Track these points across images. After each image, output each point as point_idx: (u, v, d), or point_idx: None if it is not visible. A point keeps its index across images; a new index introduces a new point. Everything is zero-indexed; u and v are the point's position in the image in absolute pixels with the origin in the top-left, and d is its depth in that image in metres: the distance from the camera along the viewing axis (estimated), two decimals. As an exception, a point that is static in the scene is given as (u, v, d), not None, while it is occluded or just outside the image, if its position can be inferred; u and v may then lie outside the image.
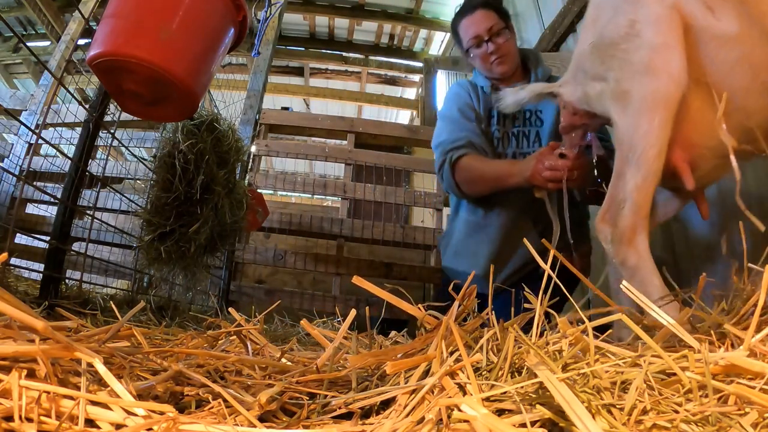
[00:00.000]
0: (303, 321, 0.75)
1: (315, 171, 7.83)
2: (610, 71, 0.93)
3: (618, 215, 0.91)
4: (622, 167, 0.92)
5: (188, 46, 1.04)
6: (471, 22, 1.62)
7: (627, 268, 0.90)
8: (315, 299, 2.72)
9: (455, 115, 1.62)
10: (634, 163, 0.88)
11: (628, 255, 0.90)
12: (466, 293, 0.69)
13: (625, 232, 0.90)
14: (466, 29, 1.63)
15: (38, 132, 2.22)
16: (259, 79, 3.43)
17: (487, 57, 1.60)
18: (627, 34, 0.90)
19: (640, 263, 0.88)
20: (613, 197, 0.93)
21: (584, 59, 1.01)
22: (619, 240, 0.91)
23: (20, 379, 0.40)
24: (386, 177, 3.09)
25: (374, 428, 0.44)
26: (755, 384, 0.44)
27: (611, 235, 0.93)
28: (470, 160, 1.52)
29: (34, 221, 2.98)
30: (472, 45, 1.61)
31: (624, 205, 0.90)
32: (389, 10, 4.68)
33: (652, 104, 0.86)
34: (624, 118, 0.91)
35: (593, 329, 0.55)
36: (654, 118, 0.86)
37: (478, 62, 1.65)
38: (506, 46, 1.62)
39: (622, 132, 0.91)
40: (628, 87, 0.90)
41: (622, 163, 0.91)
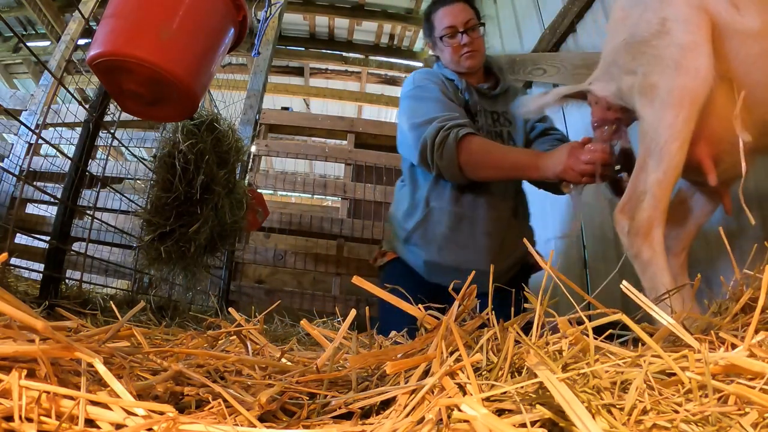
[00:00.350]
0: (303, 321, 0.75)
1: (315, 171, 7.83)
2: (639, 66, 0.95)
3: (637, 208, 0.92)
4: (644, 159, 0.92)
5: (188, 46, 1.04)
6: (449, 11, 1.61)
7: (640, 261, 0.91)
8: (315, 299, 2.72)
9: (440, 96, 1.53)
10: (657, 156, 0.89)
11: (643, 249, 0.90)
12: (466, 293, 0.69)
13: (642, 225, 0.90)
14: (442, 17, 1.61)
15: (38, 132, 2.22)
16: (259, 79, 3.43)
17: (459, 48, 1.59)
18: (658, 32, 0.92)
19: (654, 258, 0.89)
20: (634, 189, 0.94)
21: (617, 55, 1.02)
22: (636, 233, 0.91)
23: (20, 379, 0.40)
24: (386, 177, 3.09)
25: (374, 428, 0.44)
26: (755, 384, 0.44)
27: (628, 227, 0.93)
28: (481, 141, 1.42)
29: (34, 221, 2.98)
30: (446, 34, 1.60)
31: (644, 198, 0.91)
32: (389, 10, 4.68)
33: (679, 99, 0.87)
34: (649, 110, 0.92)
35: (593, 329, 0.55)
36: (679, 112, 0.87)
37: (447, 53, 1.62)
38: (478, 42, 1.62)
39: (647, 124, 0.92)
40: (656, 80, 0.91)
41: (644, 155, 0.92)
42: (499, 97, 1.66)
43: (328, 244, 2.92)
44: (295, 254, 2.84)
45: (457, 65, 1.62)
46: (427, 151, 1.44)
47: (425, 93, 1.55)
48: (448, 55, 1.62)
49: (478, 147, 1.40)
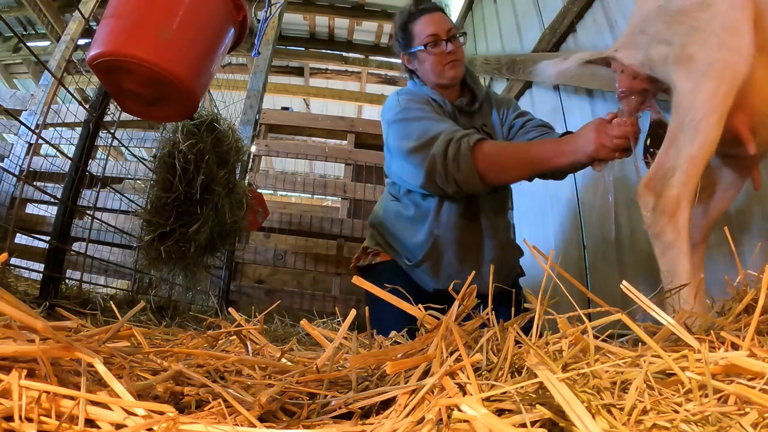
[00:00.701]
0: (303, 321, 0.75)
1: (315, 171, 7.84)
2: (676, 36, 0.90)
3: (665, 184, 0.86)
4: (676, 133, 0.87)
5: (188, 46, 1.04)
6: (431, 20, 1.54)
7: (661, 242, 0.86)
8: (315, 299, 2.72)
9: (431, 114, 1.46)
10: (692, 130, 0.84)
11: (667, 229, 0.85)
12: (466, 293, 0.69)
13: (669, 202, 0.85)
14: (424, 26, 1.54)
15: (38, 132, 2.22)
16: (259, 79, 3.43)
17: (443, 58, 1.52)
18: (700, 3, 0.87)
19: (676, 241, 0.84)
20: (662, 164, 0.88)
21: (648, 23, 0.97)
22: (662, 211, 0.86)
23: (20, 379, 0.40)
24: (386, 177, 3.09)
25: (374, 428, 0.44)
26: (755, 384, 0.44)
27: (653, 204, 0.88)
28: (496, 144, 1.36)
29: (34, 221, 2.98)
30: (430, 42, 1.52)
31: (673, 174, 0.85)
32: (389, 10, 4.68)
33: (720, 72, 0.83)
34: (686, 82, 0.87)
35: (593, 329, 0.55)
36: (720, 85, 0.83)
37: (429, 63, 1.54)
38: (460, 51, 1.56)
39: (682, 96, 0.87)
40: (694, 52, 0.86)
41: (677, 128, 0.86)
42: (476, 111, 1.62)
43: (328, 244, 2.92)
44: (295, 254, 2.84)
45: (440, 76, 1.55)
46: (437, 169, 1.34)
47: (416, 114, 1.46)
48: (430, 66, 1.54)
49: (495, 150, 1.33)
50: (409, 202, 1.58)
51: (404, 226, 1.57)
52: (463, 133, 1.34)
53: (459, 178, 1.33)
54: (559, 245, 2.12)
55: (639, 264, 1.63)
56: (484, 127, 1.60)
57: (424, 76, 1.60)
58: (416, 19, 1.56)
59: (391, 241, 1.61)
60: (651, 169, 0.90)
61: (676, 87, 0.88)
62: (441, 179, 1.36)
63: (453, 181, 1.34)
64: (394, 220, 1.60)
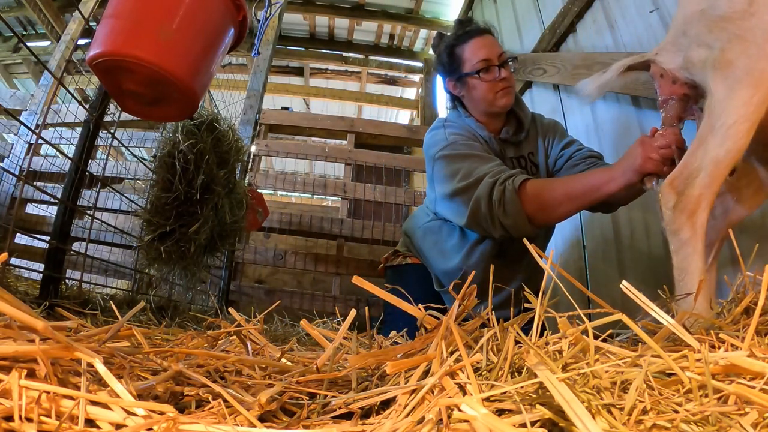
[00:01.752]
0: (303, 321, 0.75)
1: (315, 171, 7.84)
2: (717, 41, 0.90)
3: (688, 184, 0.88)
4: (706, 135, 0.87)
5: (188, 45, 1.04)
6: (482, 44, 1.45)
7: (678, 239, 0.88)
8: (315, 299, 2.72)
9: (478, 150, 1.40)
10: (721, 134, 0.85)
11: (684, 228, 0.87)
12: (466, 293, 0.69)
13: (690, 202, 0.87)
14: (475, 50, 1.45)
15: (38, 132, 2.22)
16: (259, 79, 3.43)
17: (495, 85, 1.43)
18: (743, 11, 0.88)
19: (692, 240, 0.86)
20: (688, 164, 0.89)
21: (690, 25, 0.97)
22: (682, 209, 0.88)
23: (20, 379, 0.40)
24: (386, 177, 3.09)
25: (374, 428, 0.44)
26: (755, 384, 0.44)
27: (674, 202, 0.89)
28: (539, 182, 1.28)
29: (34, 221, 2.98)
30: (483, 68, 1.43)
31: (697, 175, 0.87)
32: (389, 10, 4.68)
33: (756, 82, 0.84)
34: (721, 86, 0.87)
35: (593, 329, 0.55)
36: (755, 94, 0.83)
37: (481, 91, 1.45)
38: (512, 78, 1.48)
39: (716, 100, 0.88)
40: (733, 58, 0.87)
41: (707, 131, 0.87)
42: (523, 139, 1.55)
43: (328, 244, 2.92)
44: (295, 254, 2.84)
45: (491, 105, 1.46)
46: (481, 212, 1.29)
47: (463, 150, 1.40)
48: (482, 93, 1.46)
49: (541, 189, 1.26)
50: (454, 228, 1.52)
51: (439, 252, 1.54)
52: (508, 174, 1.28)
53: (506, 223, 1.27)
54: (559, 245, 2.12)
55: (639, 264, 1.63)
56: (531, 156, 1.54)
57: (472, 103, 1.51)
58: (465, 43, 1.47)
59: (423, 256, 1.61)
60: (677, 168, 0.91)
61: (711, 91, 0.89)
62: (487, 223, 1.30)
63: (500, 226, 1.29)
64: (431, 246, 1.57)
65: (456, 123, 1.51)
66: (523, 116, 1.55)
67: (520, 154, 1.53)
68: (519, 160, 1.53)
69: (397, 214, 3.07)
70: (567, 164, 1.48)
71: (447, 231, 1.54)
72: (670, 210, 0.90)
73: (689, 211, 0.87)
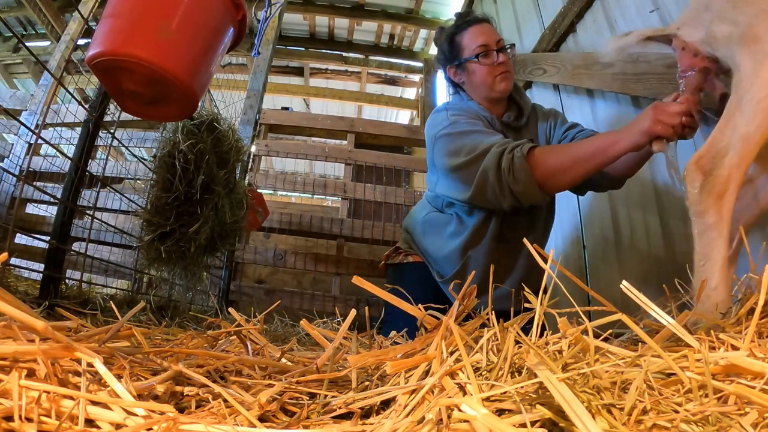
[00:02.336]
0: (303, 321, 0.75)
1: (315, 171, 7.84)
2: (743, 16, 0.88)
3: (716, 163, 0.84)
4: (733, 112, 0.84)
5: (188, 45, 1.04)
6: (481, 31, 1.52)
7: (702, 222, 0.84)
8: (315, 299, 2.72)
9: (481, 127, 1.41)
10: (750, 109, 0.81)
11: (710, 211, 0.83)
12: (466, 293, 0.69)
13: (718, 183, 0.83)
14: (473, 37, 1.51)
15: (38, 132, 2.22)
16: (259, 79, 3.43)
17: (494, 69, 1.48)
18: None
19: (718, 225, 0.82)
20: (716, 142, 0.85)
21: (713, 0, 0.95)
22: (709, 191, 0.84)
23: (20, 379, 0.40)
24: (386, 177, 3.09)
25: (374, 428, 0.44)
26: (755, 384, 0.44)
27: (701, 183, 0.85)
28: (546, 149, 1.30)
29: (34, 221, 2.98)
30: (481, 53, 1.48)
31: (725, 154, 0.83)
32: (389, 10, 4.68)
33: None
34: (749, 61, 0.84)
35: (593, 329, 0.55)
36: None
37: (480, 75, 1.50)
38: (510, 63, 1.52)
39: (743, 75, 0.84)
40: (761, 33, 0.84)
41: (735, 107, 0.84)
42: (523, 126, 1.58)
43: (328, 244, 2.92)
44: (295, 254, 2.84)
45: (490, 89, 1.50)
46: (489, 183, 1.30)
47: (464, 127, 1.41)
48: (481, 78, 1.50)
49: (549, 155, 1.27)
50: (452, 216, 1.55)
51: (439, 240, 1.56)
52: (515, 144, 1.29)
53: (517, 190, 1.28)
54: (559, 245, 2.12)
55: (639, 264, 1.63)
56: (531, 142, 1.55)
57: (473, 89, 1.55)
58: (464, 31, 1.54)
59: (423, 252, 1.62)
60: (704, 146, 0.87)
61: (738, 66, 0.85)
62: (495, 193, 1.31)
63: (509, 194, 1.30)
64: (430, 237, 1.59)
65: (458, 105, 1.54)
66: (523, 103, 1.59)
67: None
68: None
69: (397, 214, 3.06)
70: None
71: (445, 219, 1.57)
72: (696, 190, 0.85)
73: (717, 193, 0.83)
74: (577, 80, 1.97)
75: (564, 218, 2.09)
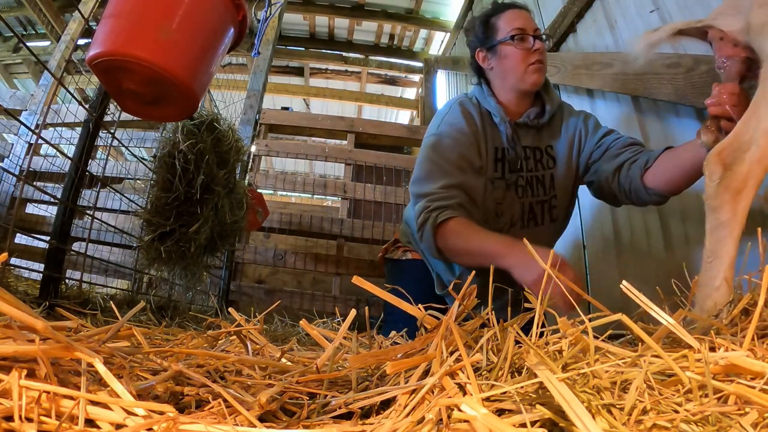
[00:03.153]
0: (302, 321, 0.75)
1: (315, 171, 7.84)
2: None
3: (737, 157, 0.81)
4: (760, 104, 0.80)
5: (188, 45, 1.04)
6: (519, 15, 1.42)
7: (715, 218, 0.81)
8: (315, 299, 2.72)
9: (452, 157, 1.35)
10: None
11: (726, 207, 0.80)
12: (466, 293, 0.69)
13: (736, 179, 0.80)
14: (511, 20, 1.41)
15: (38, 132, 2.22)
16: (259, 79, 3.43)
17: (529, 56, 1.38)
18: None
19: (731, 222, 0.79)
20: (739, 135, 0.82)
21: None
22: (726, 186, 0.81)
23: (20, 379, 0.40)
24: (386, 177, 3.09)
25: (374, 428, 0.44)
26: (755, 384, 0.44)
27: (720, 176, 0.82)
28: (458, 226, 1.26)
29: (34, 221, 2.98)
30: (517, 35, 1.38)
31: (747, 148, 0.80)
32: (389, 10, 4.68)
33: None
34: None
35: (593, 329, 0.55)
36: None
37: (512, 60, 1.39)
38: (545, 55, 1.42)
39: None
40: None
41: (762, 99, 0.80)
42: (545, 125, 1.46)
43: (328, 244, 2.92)
44: (295, 254, 2.84)
45: (521, 79, 1.40)
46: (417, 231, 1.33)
47: (438, 151, 1.37)
48: (514, 62, 1.39)
49: (452, 235, 1.25)
50: None
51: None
52: (439, 205, 1.28)
53: (422, 246, 1.36)
54: (559, 245, 2.12)
55: (639, 264, 1.63)
56: (549, 149, 1.46)
57: (502, 76, 1.44)
58: (501, 12, 1.44)
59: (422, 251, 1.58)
60: (726, 138, 0.84)
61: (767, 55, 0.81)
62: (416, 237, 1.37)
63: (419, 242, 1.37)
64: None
65: (469, 110, 1.43)
66: (548, 100, 1.46)
67: (537, 146, 1.45)
68: (534, 151, 1.45)
69: (397, 214, 3.06)
70: (606, 154, 1.38)
71: None
72: (714, 183, 0.82)
73: (734, 189, 0.80)
74: (577, 80, 1.97)
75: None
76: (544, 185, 1.45)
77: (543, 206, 1.46)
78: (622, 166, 1.31)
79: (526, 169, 1.43)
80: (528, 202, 1.44)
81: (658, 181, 1.22)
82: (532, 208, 1.45)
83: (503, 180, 1.42)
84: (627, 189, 1.29)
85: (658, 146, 1.63)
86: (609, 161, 1.35)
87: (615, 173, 1.32)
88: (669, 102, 1.48)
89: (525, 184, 1.43)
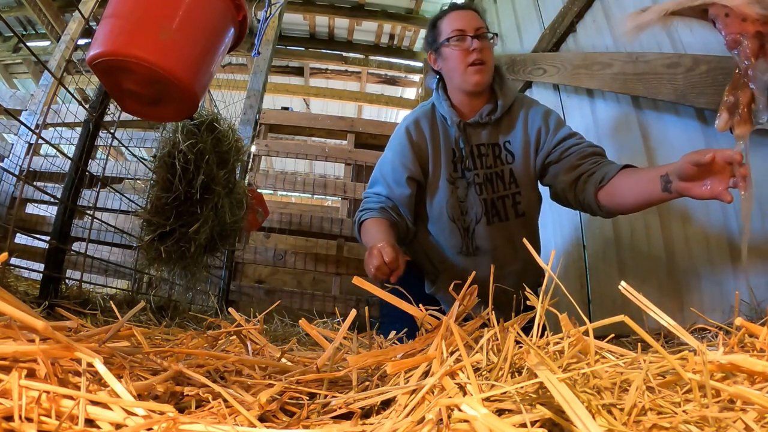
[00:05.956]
0: (302, 321, 0.74)
1: (315, 171, 7.84)
2: None
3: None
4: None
5: (188, 45, 1.04)
6: (460, 16, 1.44)
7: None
8: (315, 299, 2.72)
9: (395, 163, 1.48)
10: None
11: None
12: (466, 293, 0.69)
13: None
14: (451, 21, 1.44)
15: (38, 132, 2.22)
16: (259, 79, 3.43)
17: (467, 55, 1.39)
18: None
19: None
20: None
21: None
22: None
23: (20, 379, 0.40)
24: (386, 177, 3.09)
25: (374, 428, 0.44)
26: (759, 386, 0.44)
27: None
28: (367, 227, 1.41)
29: (34, 221, 2.98)
30: (454, 36, 1.41)
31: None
32: (389, 10, 4.68)
33: None
34: None
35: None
36: None
37: (453, 61, 1.42)
38: (488, 53, 1.42)
39: None
40: None
41: None
42: (501, 120, 1.47)
43: (328, 244, 2.92)
44: (295, 254, 2.84)
45: (464, 81, 1.42)
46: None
47: (380, 163, 1.55)
48: (453, 64, 1.42)
49: (365, 229, 1.42)
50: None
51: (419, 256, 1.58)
52: (366, 207, 1.47)
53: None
54: (559, 245, 2.12)
55: (639, 264, 1.63)
56: (507, 144, 1.47)
57: (449, 77, 1.48)
58: (446, 15, 1.48)
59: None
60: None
61: None
62: None
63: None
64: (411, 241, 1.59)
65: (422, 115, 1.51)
66: (501, 95, 1.47)
67: (493, 142, 1.47)
68: (492, 147, 1.46)
69: (397, 214, 3.06)
70: (565, 162, 1.38)
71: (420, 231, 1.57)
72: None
73: None
74: (577, 80, 1.97)
75: (564, 218, 2.09)
76: (504, 180, 1.47)
77: (505, 201, 1.47)
78: (579, 179, 1.33)
79: (484, 166, 1.46)
80: (489, 199, 1.46)
81: (609, 200, 1.25)
82: (494, 203, 1.47)
83: (464, 179, 1.46)
84: (581, 201, 1.33)
85: (658, 146, 1.62)
86: (567, 173, 1.37)
87: (572, 185, 1.34)
88: (669, 102, 1.48)
89: (483, 180, 1.45)
